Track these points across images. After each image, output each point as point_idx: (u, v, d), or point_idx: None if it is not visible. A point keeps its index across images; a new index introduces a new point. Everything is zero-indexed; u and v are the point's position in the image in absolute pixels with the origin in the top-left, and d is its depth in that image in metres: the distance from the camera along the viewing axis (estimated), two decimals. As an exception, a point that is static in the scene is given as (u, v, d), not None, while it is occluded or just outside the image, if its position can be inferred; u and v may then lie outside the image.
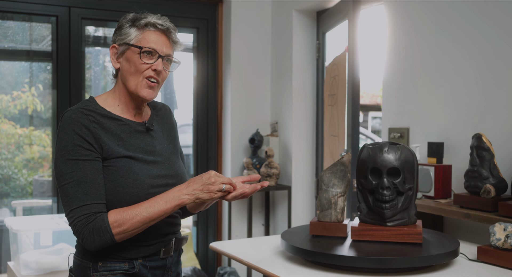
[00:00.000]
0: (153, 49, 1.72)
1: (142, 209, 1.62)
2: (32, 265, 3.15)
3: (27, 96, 4.21)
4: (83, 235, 1.60)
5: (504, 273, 1.92)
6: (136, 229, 1.62)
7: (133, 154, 1.70)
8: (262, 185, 1.73)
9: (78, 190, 1.61)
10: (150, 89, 1.73)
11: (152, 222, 1.64)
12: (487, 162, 2.39)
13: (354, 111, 3.47)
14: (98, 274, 1.69)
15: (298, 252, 1.98)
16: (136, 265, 1.72)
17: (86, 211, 1.60)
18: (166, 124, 1.91)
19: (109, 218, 1.60)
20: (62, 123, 1.66)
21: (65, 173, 1.62)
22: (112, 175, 1.66)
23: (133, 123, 1.76)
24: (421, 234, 2.01)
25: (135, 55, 1.72)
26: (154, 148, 1.78)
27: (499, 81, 2.57)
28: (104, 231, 1.59)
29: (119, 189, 1.66)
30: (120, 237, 1.61)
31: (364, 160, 2.10)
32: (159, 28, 1.74)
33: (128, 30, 1.74)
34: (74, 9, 4.05)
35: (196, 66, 4.56)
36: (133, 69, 1.72)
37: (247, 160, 4.15)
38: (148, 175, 1.71)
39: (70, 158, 1.62)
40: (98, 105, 1.72)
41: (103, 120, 1.69)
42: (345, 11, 3.58)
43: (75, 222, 1.60)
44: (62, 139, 1.64)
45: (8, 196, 4.27)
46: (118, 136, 1.70)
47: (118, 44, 1.75)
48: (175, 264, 1.85)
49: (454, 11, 2.80)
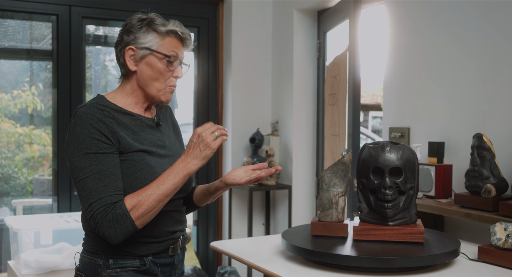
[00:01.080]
0: (176, 56, 1.76)
1: (154, 188, 1.63)
2: (32, 264, 3.15)
3: (27, 95, 4.21)
4: (104, 226, 1.59)
5: (505, 273, 1.92)
6: (153, 209, 1.63)
7: (148, 148, 1.73)
8: (277, 168, 1.82)
9: (99, 182, 1.61)
10: (171, 94, 1.79)
11: (167, 198, 1.65)
12: (488, 161, 2.39)
13: (354, 111, 3.46)
14: (110, 271, 1.70)
15: (299, 252, 1.98)
16: (147, 262, 1.74)
17: (106, 202, 1.60)
18: (170, 121, 1.95)
19: (126, 204, 1.61)
20: (77, 118, 1.66)
21: (84, 167, 1.62)
22: (130, 169, 1.68)
23: (144, 118, 1.79)
24: (423, 233, 2.01)
25: (159, 62, 1.74)
26: (164, 143, 1.81)
27: (500, 81, 2.57)
28: (124, 218, 1.59)
29: (137, 182, 1.67)
30: (140, 221, 1.62)
31: (365, 160, 2.09)
32: (180, 36, 1.77)
33: (146, 34, 1.74)
34: (75, 8, 4.05)
35: (197, 65, 4.56)
36: (156, 75, 1.74)
37: (248, 159, 4.15)
38: (162, 169, 1.73)
39: (88, 152, 1.62)
40: (109, 101, 1.74)
41: (117, 115, 1.71)
42: (346, 10, 3.58)
43: (95, 214, 1.60)
44: (79, 133, 1.64)
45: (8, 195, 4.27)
46: (132, 131, 1.72)
47: (136, 47, 1.74)
48: (180, 262, 1.88)
49: (455, 11, 2.80)
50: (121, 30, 1.78)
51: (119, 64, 1.80)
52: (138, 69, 1.76)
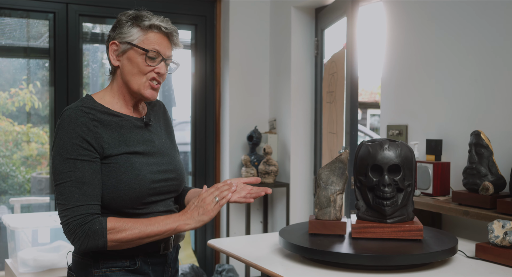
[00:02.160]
0: (157, 52, 1.73)
1: (141, 224, 1.63)
2: (30, 263, 3.15)
3: (25, 93, 4.20)
4: (76, 234, 1.59)
5: (503, 270, 1.92)
6: (130, 241, 1.63)
7: (133, 149, 1.71)
8: (266, 192, 1.78)
9: (75, 190, 1.60)
10: (154, 90, 1.75)
11: (147, 239, 1.65)
12: (486, 159, 2.39)
13: (352, 109, 3.46)
14: (100, 271, 1.69)
15: (296, 250, 1.97)
16: (137, 261, 1.73)
17: (83, 211, 1.60)
18: (162, 119, 1.92)
19: (108, 224, 1.60)
20: (62, 121, 1.65)
21: (63, 172, 1.62)
22: (113, 172, 1.66)
23: (132, 118, 1.77)
24: (422, 230, 2.02)
25: (139, 57, 1.72)
26: (154, 143, 1.79)
27: (498, 79, 2.56)
28: (100, 235, 1.59)
29: (121, 185, 1.66)
30: (112, 244, 1.61)
31: (363, 157, 2.09)
32: (163, 31, 1.75)
33: (130, 29, 1.73)
34: (72, 6, 4.04)
35: (194, 63, 4.55)
36: (135, 70, 1.73)
37: (246, 157, 4.15)
38: (149, 171, 1.71)
39: (68, 157, 1.62)
40: (97, 102, 1.72)
41: (103, 117, 1.69)
42: (344, 8, 3.58)
43: (70, 221, 1.59)
44: (61, 137, 1.63)
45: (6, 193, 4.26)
46: (118, 132, 1.71)
47: (119, 41, 1.74)
48: (173, 260, 1.86)
49: (453, 8, 2.79)
50: (111, 27, 1.78)
51: (108, 61, 1.79)
52: (120, 64, 1.75)
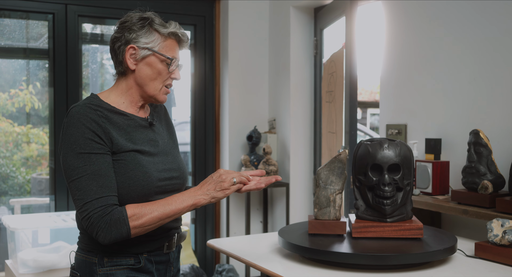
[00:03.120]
0: (176, 58, 1.79)
1: (159, 206, 1.66)
2: (30, 263, 3.15)
3: (24, 94, 4.20)
4: (99, 226, 1.59)
5: (502, 269, 1.92)
6: (152, 224, 1.65)
7: (140, 148, 1.73)
8: (277, 178, 1.80)
9: (93, 183, 1.61)
10: (167, 94, 1.82)
11: (168, 219, 1.67)
12: (485, 158, 2.39)
13: (351, 108, 3.46)
14: (105, 269, 1.70)
15: (295, 249, 1.98)
16: (141, 259, 1.74)
17: (103, 203, 1.61)
18: (164, 120, 1.94)
19: (127, 211, 1.62)
20: (70, 118, 1.66)
21: (78, 167, 1.62)
22: (122, 169, 1.68)
23: (137, 118, 1.79)
24: (421, 229, 2.02)
25: (160, 64, 1.76)
26: (157, 142, 1.81)
27: (496, 78, 2.56)
28: (122, 223, 1.60)
29: (129, 182, 1.68)
30: (136, 231, 1.63)
31: (363, 157, 2.09)
32: (180, 38, 1.80)
33: (148, 34, 1.74)
34: (71, 7, 4.04)
35: (194, 64, 4.55)
36: (155, 75, 1.76)
37: (245, 157, 4.15)
38: (155, 169, 1.74)
39: (82, 152, 1.62)
40: (103, 101, 1.74)
41: (110, 115, 1.71)
42: (343, 7, 3.58)
43: (91, 214, 1.60)
44: (72, 133, 1.64)
45: (6, 194, 4.26)
46: (125, 131, 1.73)
47: (137, 46, 1.74)
48: (176, 260, 1.88)
49: (452, 7, 2.79)
50: (120, 27, 1.77)
51: (115, 61, 1.78)
52: (137, 68, 1.76)
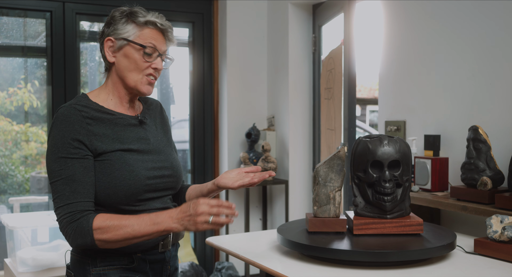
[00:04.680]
0: (153, 47, 1.74)
1: (128, 224, 1.58)
2: (29, 262, 3.15)
3: (23, 92, 4.19)
4: (66, 232, 1.61)
5: (501, 265, 1.92)
6: (117, 242, 1.60)
7: (128, 147, 1.72)
8: (270, 174, 1.80)
9: (66, 188, 1.62)
10: (150, 85, 1.77)
11: (135, 240, 1.61)
12: (484, 154, 2.39)
13: (350, 105, 3.46)
14: (98, 269, 1.70)
15: (294, 247, 1.97)
16: (135, 259, 1.73)
17: (72, 209, 1.61)
18: (159, 118, 1.92)
19: (94, 223, 1.59)
20: (55, 119, 1.67)
21: (54, 171, 1.63)
22: (108, 169, 1.67)
23: (126, 116, 1.78)
24: (422, 225, 2.03)
25: (136, 53, 1.73)
26: (148, 140, 1.79)
27: (495, 73, 2.56)
28: (86, 233, 1.59)
29: (115, 182, 1.67)
30: (101, 244, 1.61)
31: (363, 154, 2.08)
32: (159, 27, 1.76)
33: (125, 25, 1.74)
34: (68, 4, 4.03)
35: (192, 61, 4.55)
36: (133, 66, 1.74)
37: (244, 154, 4.14)
38: (143, 167, 1.72)
39: (60, 156, 1.63)
40: (91, 101, 1.73)
41: (97, 115, 1.70)
42: (341, 4, 3.57)
43: (61, 219, 1.62)
44: (54, 136, 1.65)
45: (5, 193, 4.26)
46: (112, 130, 1.71)
47: (114, 37, 1.75)
48: (173, 258, 1.86)
49: (450, 3, 2.79)
50: (104, 23, 1.80)
51: (102, 58, 1.80)
52: (116, 60, 1.75)
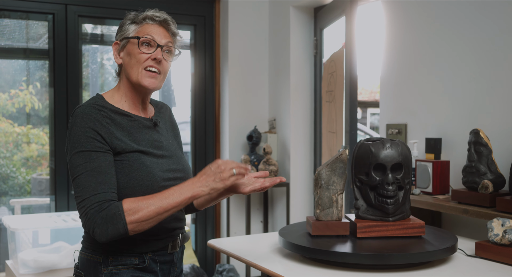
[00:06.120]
0: (151, 38, 1.76)
1: (156, 200, 1.61)
2: (30, 264, 3.15)
3: (24, 94, 4.20)
4: (95, 222, 1.58)
5: (502, 268, 1.92)
6: (149, 219, 1.61)
7: (144, 148, 1.74)
8: (281, 179, 1.81)
9: (92, 179, 1.61)
10: (152, 78, 1.76)
11: (166, 213, 1.62)
12: (485, 157, 2.39)
13: (351, 108, 3.46)
14: (109, 268, 1.71)
15: (296, 249, 1.97)
16: (146, 259, 1.74)
17: (100, 199, 1.60)
18: (168, 122, 1.95)
19: (123, 206, 1.59)
20: (75, 118, 1.67)
21: (79, 165, 1.63)
22: (126, 169, 1.69)
23: (141, 118, 1.80)
24: (423, 227, 2.03)
25: (135, 46, 1.76)
26: (162, 143, 1.81)
27: (496, 77, 2.56)
28: (118, 218, 1.57)
29: (133, 182, 1.68)
30: (133, 227, 1.59)
31: (365, 156, 2.09)
32: (157, 20, 1.79)
33: (128, 26, 1.79)
34: (71, 7, 4.04)
35: (194, 64, 4.55)
36: (133, 61, 1.75)
37: (245, 157, 4.15)
38: (159, 169, 1.74)
39: (83, 150, 1.63)
40: (107, 102, 1.76)
41: (114, 116, 1.72)
42: (343, 7, 3.58)
43: (88, 210, 1.59)
44: (75, 133, 1.65)
45: (6, 194, 4.26)
46: (129, 132, 1.73)
47: (119, 40, 1.80)
48: (179, 260, 1.88)
49: (452, 6, 2.79)
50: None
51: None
52: (122, 60, 1.79)
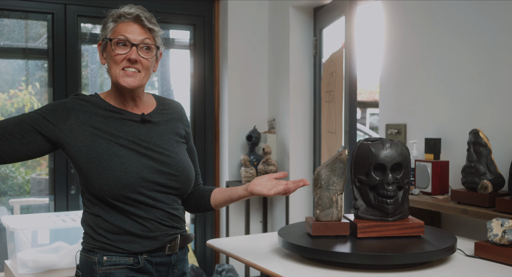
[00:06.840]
0: (124, 38, 1.72)
1: None
2: (29, 264, 3.15)
3: (24, 94, 4.20)
4: None
5: (502, 268, 1.92)
6: None
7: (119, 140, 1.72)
8: (305, 183, 1.80)
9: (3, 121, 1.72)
10: (130, 77, 1.73)
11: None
12: (484, 158, 2.39)
13: (351, 108, 3.46)
14: (104, 268, 1.70)
15: (295, 249, 1.97)
16: (140, 260, 1.73)
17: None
18: (173, 120, 1.88)
19: None
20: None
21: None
22: (95, 159, 1.68)
23: (128, 113, 1.79)
24: (423, 227, 2.04)
25: (110, 48, 1.75)
26: (150, 139, 1.77)
27: (496, 77, 2.56)
28: None
29: (106, 173, 1.67)
30: None
31: (364, 157, 2.09)
32: (129, 18, 1.75)
33: (108, 25, 1.78)
34: (70, 7, 4.04)
35: (193, 64, 4.55)
36: (111, 61, 1.75)
37: (245, 157, 4.15)
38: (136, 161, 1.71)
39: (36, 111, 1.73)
40: (100, 98, 1.78)
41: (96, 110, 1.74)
42: (342, 7, 3.58)
43: None
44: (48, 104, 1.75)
45: (5, 194, 4.26)
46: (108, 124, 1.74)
47: (101, 40, 1.80)
48: (180, 262, 1.84)
49: (451, 6, 2.79)
50: None
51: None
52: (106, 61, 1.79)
